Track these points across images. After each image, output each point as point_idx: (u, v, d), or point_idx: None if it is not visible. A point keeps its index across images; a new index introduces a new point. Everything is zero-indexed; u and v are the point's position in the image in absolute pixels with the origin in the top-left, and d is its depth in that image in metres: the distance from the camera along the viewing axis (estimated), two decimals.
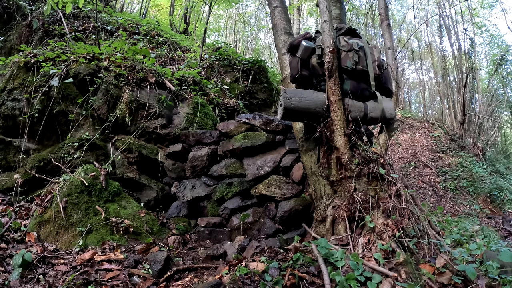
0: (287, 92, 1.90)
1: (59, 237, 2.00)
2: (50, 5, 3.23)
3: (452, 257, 1.49)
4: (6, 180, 2.69)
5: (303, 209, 2.39)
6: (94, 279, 1.54)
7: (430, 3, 10.98)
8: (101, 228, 2.09)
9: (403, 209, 1.68)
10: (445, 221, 3.12)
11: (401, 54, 12.42)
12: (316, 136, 1.95)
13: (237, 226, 2.52)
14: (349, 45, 1.93)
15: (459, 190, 5.72)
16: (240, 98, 4.51)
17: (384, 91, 2.06)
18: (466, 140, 7.28)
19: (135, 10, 9.43)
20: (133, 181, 2.85)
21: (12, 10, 4.64)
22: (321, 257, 1.46)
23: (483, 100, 8.77)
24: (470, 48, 9.05)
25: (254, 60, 4.96)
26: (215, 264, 1.85)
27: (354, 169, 1.78)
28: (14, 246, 1.86)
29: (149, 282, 1.55)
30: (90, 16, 4.95)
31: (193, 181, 2.87)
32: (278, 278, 1.35)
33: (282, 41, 2.79)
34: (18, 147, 2.85)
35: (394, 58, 3.19)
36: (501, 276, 1.35)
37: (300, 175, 2.55)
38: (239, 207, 2.63)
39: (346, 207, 1.76)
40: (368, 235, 1.64)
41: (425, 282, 1.37)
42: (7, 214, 2.24)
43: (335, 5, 2.68)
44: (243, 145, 2.77)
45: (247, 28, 13.43)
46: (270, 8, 3.04)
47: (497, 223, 4.49)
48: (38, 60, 3.02)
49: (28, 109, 2.86)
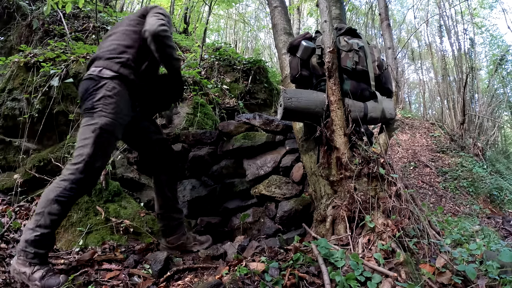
0: (287, 92, 1.90)
1: (59, 237, 2.01)
2: (50, 5, 3.23)
3: (452, 257, 1.49)
4: (6, 180, 2.69)
5: (303, 209, 2.39)
6: (94, 279, 1.54)
7: (430, 3, 10.99)
8: (101, 228, 2.09)
9: (403, 209, 1.68)
10: (445, 221, 3.12)
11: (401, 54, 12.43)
12: (316, 136, 1.96)
13: (237, 226, 2.52)
14: (349, 45, 1.94)
15: (459, 190, 5.72)
16: (240, 98, 4.51)
17: (384, 91, 2.06)
18: (466, 140, 7.28)
19: (135, 10, 9.43)
20: (133, 181, 2.85)
21: (12, 10, 4.64)
22: (321, 257, 1.46)
23: (483, 100, 8.77)
24: (470, 48, 9.05)
25: (254, 60, 4.97)
26: (215, 264, 1.85)
27: (354, 169, 1.78)
28: (14, 246, 1.86)
29: (149, 282, 1.55)
30: (90, 16, 4.95)
31: (193, 181, 2.87)
32: (278, 278, 1.35)
33: (282, 41, 2.79)
34: (18, 147, 2.85)
35: (394, 58, 3.19)
36: (501, 276, 1.35)
37: (300, 175, 2.55)
38: (239, 207, 2.63)
39: (346, 207, 1.76)
40: (368, 235, 1.64)
41: (425, 282, 1.37)
42: (7, 214, 2.24)
43: (335, 5, 2.68)
44: (243, 145, 2.77)
45: (247, 28, 13.44)
46: (270, 8, 3.04)
47: (497, 223, 4.49)
48: (38, 60, 3.02)
49: (28, 109, 2.86)
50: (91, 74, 1.75)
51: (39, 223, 1.53)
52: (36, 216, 1.55)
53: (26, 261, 1.49)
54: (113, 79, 1.73)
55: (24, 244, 1.51)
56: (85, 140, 1.63)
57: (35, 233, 1.51)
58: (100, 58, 1.80)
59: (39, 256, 1.51)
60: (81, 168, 1.60)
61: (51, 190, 1.58)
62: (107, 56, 1.78)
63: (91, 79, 1.73)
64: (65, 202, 1.57)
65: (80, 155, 1.62)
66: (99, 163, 1.66)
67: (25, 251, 1.50)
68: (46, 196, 1.57)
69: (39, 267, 1.49)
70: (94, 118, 1.65)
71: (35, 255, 1.50)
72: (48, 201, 1.55)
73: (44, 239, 1.53)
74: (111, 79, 1.72)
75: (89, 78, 1.74)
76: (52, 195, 1.56)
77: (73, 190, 1.58)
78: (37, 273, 1.48)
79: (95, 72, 1.74)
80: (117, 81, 1.74)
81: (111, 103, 1.69)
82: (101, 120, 1.65)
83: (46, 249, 1.56)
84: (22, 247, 1.50)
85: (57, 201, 1.55)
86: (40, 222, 1.53)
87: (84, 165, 1.60)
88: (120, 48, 1.81)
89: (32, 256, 1.50)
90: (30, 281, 1.47)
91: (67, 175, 1.60)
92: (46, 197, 1.56)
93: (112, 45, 1.82)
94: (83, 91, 1.74)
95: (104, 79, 1.71)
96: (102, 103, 1.67)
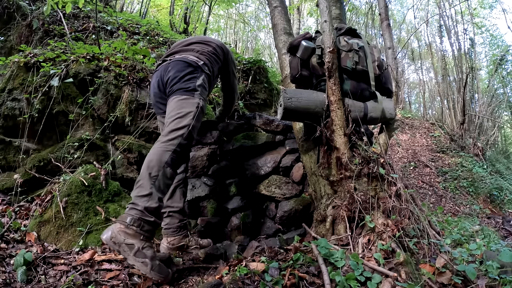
0: (287, 92, 1.90)
1: (59, 237, 2.01)
2: (50, 5, 3.23)
3: (452, 257, 1.49)
4: (6, 180, 2.69)
5: (303, 209, 2.39)
6: (94, 279, 1.54)
7: (430, 3, 11.00)
8: (101, 228, 2.09)
9: (403, 209, 1.68)
10: (445, 221, 3.12)
11: (401, 54, 12.43)
12: (316, 136, 1.95)
13: (237, 226, 2.52)
14: (349, 45, 1.93)
15: (459, 190, 5.72)
16: (240, 98, 4.51)
17: (384, 91, 2.06)
18: (466, 140, 7.29)
19: (135, 10, 9.43)
20: (133, 181, 2.84)
21: (12, 10, 4.64)
22: (321, 257, 1.46)
23: (483, 100, 8.77)
24: (470, 48, 9.06)
25: (254, 60, 4.96)
26: (215, 264, 1.85)
27: (354, 169, 1.78)
28: (14, 246, 1.86)
29: (149, 282, 1.55)
30: (90, 16, 4.94)
31: (193, 181, 2.86)
32: (278, 278, 1.35)
33: (282, 41, 2.79)
34: (18, 147, 2.85)
35: (394, 58, 3.19)
36: (501, 276, 1.35)
37: (300, 175, 2.55)
38: (239, 207, 2.63)
39: (346, 207, 1.76)
40: (368, 235, 1.64)
41: (425, 282, 1.37)
42: (7, 214, 2.24)
43: (335, 5, 2.68)
44: (243, 145, 2.77)
45: (247, 28, 13.44)
46: (270, 8, 3.03)
47: (497, 223, 4.49)
48: (38, 60, 3.02)
49: (28, 109, 2.86)
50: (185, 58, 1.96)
51: (157, 188, 1.42)
52: (150, 180, 1.43)
53: (140, 233, 1.33)
54: (205, 73, 1.99)
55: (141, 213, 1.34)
56: (187, 112, 1.76)
57: (154, 199, 1.36)
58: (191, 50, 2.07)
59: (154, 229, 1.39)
60: (186, 134, 1.69)
61: (161, 154, 1.53)
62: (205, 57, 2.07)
63: (190, 64, 1.94)
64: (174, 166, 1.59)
65: (183, 124, 1.72)
66: (195, 134, 1.80)
67: (142, 220, 1.34)
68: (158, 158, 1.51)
69: (149, 245, 1.38)
70: (195, 97, 1.84)
71: (153, 226, 1.37)
72: (161, 164, 1.49)
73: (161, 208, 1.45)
74: (204, 72, 1.98)
75: (188, 62, 1.94)
76: (164, 157, 1.51)
77: (177, 153, 1.60)
78: (149, 251, 1.35)
79: (193, 58, 1.96)
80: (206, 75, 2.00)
81: (205, 91, 1.95)
82: (201, 102, 1.86)
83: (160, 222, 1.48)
84: (140, 215, 1.34)
85: (169, 164, 1.52)
86: (157, 187, 1.43)
87: (187, 132, 1.71)
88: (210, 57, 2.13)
89: (148, 229, 1.36)
90: (136, 257, 1.32)
91: (170, 140, 1.62)
92: (159, 160, 1.50)
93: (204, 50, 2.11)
94: (180, 70, 1.91)
95: (202, 70, 1.96)
96: (202, 88, 1.90)
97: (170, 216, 2.08)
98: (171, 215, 2.08)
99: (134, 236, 1.34)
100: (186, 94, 1.84)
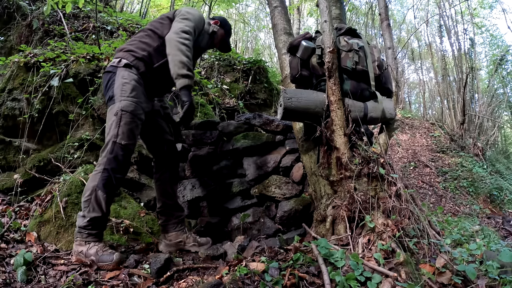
0: (287, 92, 1.90)
1: (59, 237, 2.00)
2: (50, 5, 3.23)
3: (452, 257, 1.49)
4: (6, 180, 2.69)
5: (303, 209, 2.39)
6: (94, 279, 1.54)
7: (430, 3, 11.00)
8: None
9: (403, 209, 1.68)
10: (445, 221, 3.12)
11: (401, 54, 12.43)
12: (316, 136, 1.95)
13: (237, 226, 2.52)
14: (349, 45, 1.93)
15: (459, 190, 5.72)
16: (240, 98, 4.51)
17: (384, 91, 2.06)
18: (466, 140, 7.28)
19: (135, 10, 9.43)
20: (133, 181, 2.85)
21: (12, 10, 4.64)
22: (321, 257, 1.46)
23: (483, 100, 8.77)
24: (470, 48, 9.06)
25: (254, 60, 4.96)
26: (215, 264, 1.85)
27: (354, 169, 1.78)
28: (14, 246, 1.86)
29: (149, 282, 1.55)
30: (90, 16, 4.94)
31: (193, 181, 2.86)
32: (278, 278, 1.35)
33: (282, 41, 2.78)
34: (18, 147, 2.85)
35: (394, 58, 3.19)
36: (501, 276, 1.35)
37: (300, 175, 2.55)
38: (239, 207, 2.63)
39: (346, 207, 1.76)
40: (368, 235, 1.64)
41: (425, 282, 1.37)
42: (7, 214, 2.24)
43: (335, 5, 2.68)
44: (243, 145, 2.77)
45: (247, 28, 13.44)
46: (270, 8, 3.03)
47: (497, 223, 4.49)
48: (38, 60, 3.02)
49: (28, 109, 2.86)
50: (110, 65, 1.93)
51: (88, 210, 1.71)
52: (84, 204, 1.72)
53: (83, 240, 1.70)
54: (126, 68, 1.88)
55: (77, 229, 1.72)
56: (110, 125, 1.78)
57: (85, 219, 1.70)
58: (121, 50, 1.98)
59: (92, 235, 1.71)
60: (110, 148, 1.73)
61: (91, 180, 1.74)
62: (127, 49, 1.96)
63: (108, 72, 1.91)
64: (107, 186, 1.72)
65: (107, 140, 1.76)
66: (125, 141, 1.77)
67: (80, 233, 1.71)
68: (89, 183, 1.74)
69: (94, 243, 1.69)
70: (115, 103, 1.80)
71: (88, 235, 1.70)
72: (92, 188, 1.71)
73: (95, 222, 1.72)
74: (125, 67, 1.88)
75: (107, 71, 1.92)
76: (95, 181, 1.72)
77: (107, 172, 1.72)
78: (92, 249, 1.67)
79: (114, 63, 1.91)
80: (130, 70, 1.89)
81: (128, 87, 1.83)
82: (121, 104, 1.78)
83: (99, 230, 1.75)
84: (77, 231, 1.72)
85: (100, 187, 1.71)
86: (89, 209, 1.71)
87: (111, 145, 1.73)
88: (139, 44, 1.98)
89: (86, 236, 1.70)
90: (87, 257, 1.66)
91: (100, 161, 1.75)
92: (90, 185, 1.73)
93: (134, 41, 2.02)
94: (104, 84, 1.92)
95: (119, 68, 1.88)
96: (120, 89, 1.82)
97: (166, 213, 2.15)
98: (167, 212, 2.14)
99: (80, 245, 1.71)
100: (109, 105, 1.85)
